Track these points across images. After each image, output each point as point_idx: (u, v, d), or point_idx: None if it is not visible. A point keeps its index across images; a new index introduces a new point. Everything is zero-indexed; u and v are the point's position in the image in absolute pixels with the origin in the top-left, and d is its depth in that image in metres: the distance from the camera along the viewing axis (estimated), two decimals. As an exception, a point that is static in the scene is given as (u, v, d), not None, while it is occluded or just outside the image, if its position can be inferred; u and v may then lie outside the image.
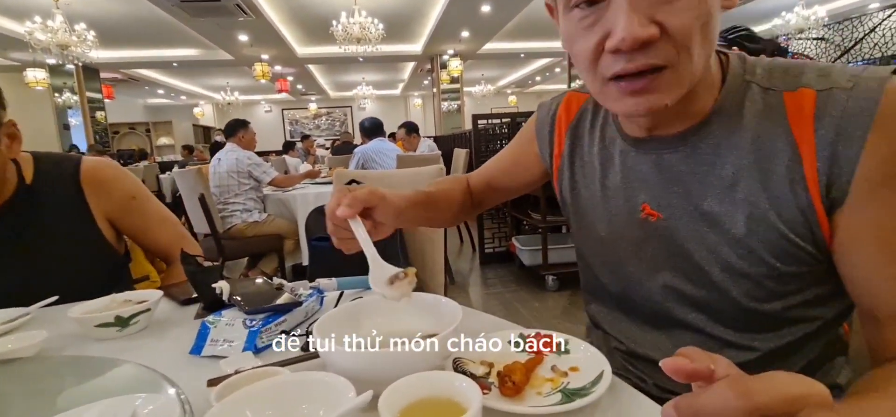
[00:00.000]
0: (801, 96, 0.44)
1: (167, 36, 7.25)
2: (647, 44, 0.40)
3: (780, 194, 0.44)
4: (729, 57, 0.49)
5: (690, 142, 0.49)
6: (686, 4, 0.39)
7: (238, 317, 0.60)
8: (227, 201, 2.93)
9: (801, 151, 0.43)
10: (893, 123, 0.39)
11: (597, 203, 0.60)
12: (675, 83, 0.42)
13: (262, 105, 15.09)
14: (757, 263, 0.47)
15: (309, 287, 0.74)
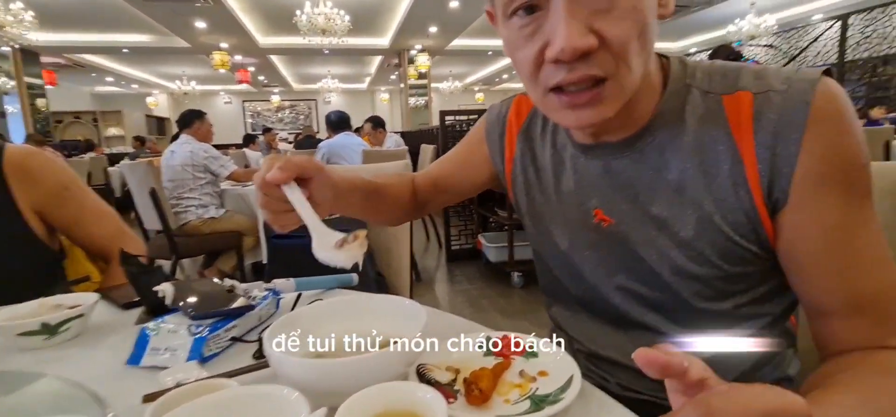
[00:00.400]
0: (739, 99, 0.45)
1: (117, 20, 6.82)
2: (587, 54, 0.40)
3: (725, 198, 0.45)
4: (670, 61, 0.50)
5: (636, 147, 0.50)
6: (623, 14, 0.39)
7: (183, 323, 0.55)
8: (180, 196, 2.77)
9: (741, 154, 0.44)
10: (825, 122, 0.41)
11: (552, 208, 0.59)
12: (616, 94, 0.43)
13: (222, 96, 14.50)
14: (705, 264, 0.47)
15: (264, 288, 0.70)
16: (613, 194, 0.52)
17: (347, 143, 3.22)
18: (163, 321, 0.56)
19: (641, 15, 0.40)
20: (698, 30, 9.06)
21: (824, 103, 0.41)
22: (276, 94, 14.50)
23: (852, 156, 0.41)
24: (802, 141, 0.41)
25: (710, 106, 0.46)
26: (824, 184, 0.41)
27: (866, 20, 7.14)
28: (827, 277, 0.44)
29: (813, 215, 0.42)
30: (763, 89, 0.44)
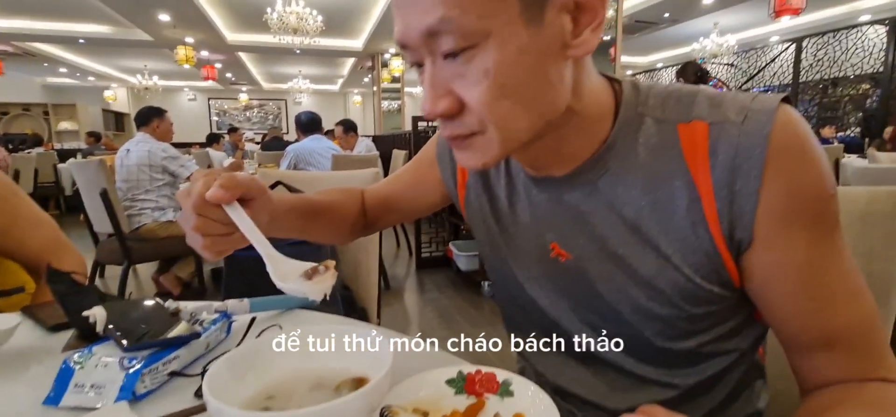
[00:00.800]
0: (694, 129, 0.41)
1: (73, 8, 6.44)
2: (448, 115, 0.39)
3: (683, 237, 0.42)
4: (622, 86, 0.47)
5: (586, 180, 0.46)
6: (476, 79, 0.37)
7: (114, 354, 0.49)
8: (135, 197, 2.61)
9: (699, 190, 0.41)
10: (786, 156, 0.38)
11: (509, 239, 0.56)
12: (488, 148, 0.40)
13: (186, 92, 13.95)
14: (666, 304, 0.45)
15: (214, 310, 0.63)
16: (569, 228, 0.49)
17: (316, 147, 3.11)
18: (89, 352, 0.49)
19: (500, 77, 0.37)
20: (665, 46, 9.39)
21: (784, 135, 0.38)
22: (245, 92, 14.07)
23: (818, 189, 0.39)
24: (763, 177, 0.38)
25: (665, 136, 0.43)
26: (791, 221, 0.39)
27: (818, 44, 7.59)
28: (801, 315, 0.43)
29: (781, 255, 0.40)
30: (719, 120, 0.40)
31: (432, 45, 0.37)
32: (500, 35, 0.36)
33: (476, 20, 0.35)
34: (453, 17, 0.35)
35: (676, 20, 7.12)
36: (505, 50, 0.36)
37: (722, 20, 7.35)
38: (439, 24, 0.35)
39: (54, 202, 6.29)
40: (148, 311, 0.57)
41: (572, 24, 0.38)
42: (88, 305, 0.56)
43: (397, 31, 0.39)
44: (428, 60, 0.39)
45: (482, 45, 0.36)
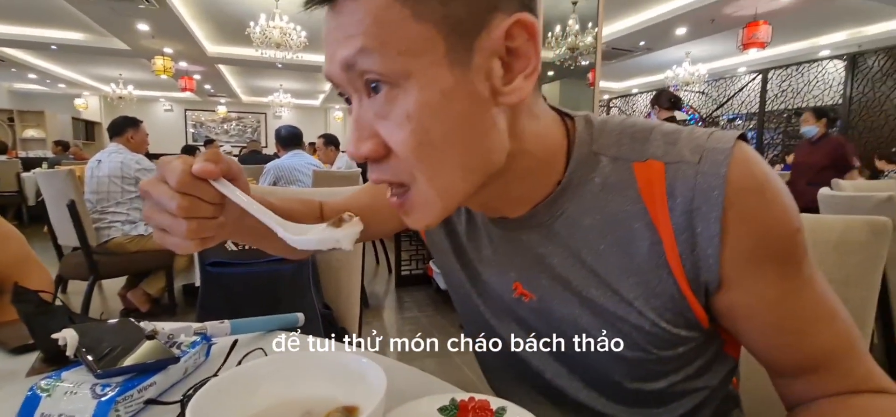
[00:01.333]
0: (650, 169, 0.40)
1: (46, 14, 6.26)
2: (375, 159, 0.37)
3: (646, 281, 0.41)
4: (575, 123, 0.45)
5: (542, 222, 0.45)
6: (397, 122, 0.34)
7: (85, 380, 0.46)
8: (105, 209, 2.52)
9: (659, 233, 0.40)
10: (745, 197, 0.37)
11: (472, 276, 0.53)
12: (424, 204, 0.38)
13: (162, 103, 13.64)
14: (632, 348, 0.44)
15: (193, 332, 0.60)
16: (531, 270, 0.47)
17: (297, 163, 3.07)
18: (58, 377, 0.46)
19: (423, 122, 0.34)
20: (640, 73, 9.72)
21: (741, 176, 0.37)
22: (223, 104, 13.85)
23: (782, 227, 0.38)
24: (723, 220, 0.37)
25: (621, 175, 0.41)
26: (758, 262, 0.39)
27: (783, 76, 8.01)
28: (780, 347, 0.43)
29: (752, 294, 0.40)
30: (675, 159, 0.39)
31: (354, 80, 0.35)
32: (422, 76, 0.33)
33: (396, 57, 0.33)
34: (373, 51, 0.33)
35: (651, 49, 7.38)
36: (427, 92, 0.34)
37: (693, 50, 7.66)
38: (357, 58, 0.33)
39: (15, 213, 6.01)
40: (122, 333, 0.54)
41: (503, 69, 0.36)
42: (57, 326, 0.53)
43: (325, 68, 0.37)
44: (354, 96, 0.36)
45: (403, 85, 0.34)
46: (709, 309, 0.43)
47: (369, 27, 0.32)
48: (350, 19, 0.33)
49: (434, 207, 0.38)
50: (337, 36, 0.35)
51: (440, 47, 0.33)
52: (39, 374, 0.55)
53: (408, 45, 0.33)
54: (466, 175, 0.37)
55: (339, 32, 0.34)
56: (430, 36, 0.33)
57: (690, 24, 6.15)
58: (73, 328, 0.52)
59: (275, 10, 5.58)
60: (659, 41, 6.99)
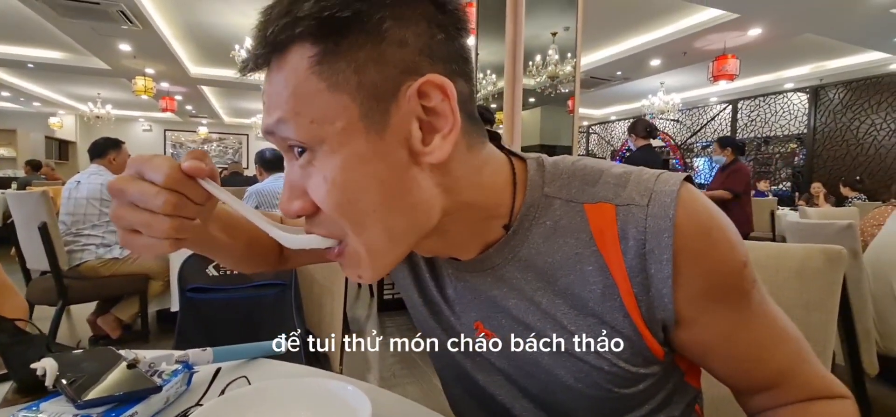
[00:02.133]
0: (602, 211, 0.41)
1: (24, 31, 6.15)
2: (309, 216, 0.39)
3: (602, 321, 0.42)
4: (526, 165, 0.45)
5: (494, 265, 0.45)
6: (318, 183, 0.36)
7: (65, 411, 0.45)
8: (80, 232, 2.45)
9: (613, 275, 0.41)
10: (694, 240, 0.39)
11: (435, 312, 0.53)
12: (358, 261, 0.39)
13: (141, 123, 13.42)
14: (593, 387, 0.45)
15: (174, 360, 0.60)
16: (490, 310, 0.47)
17: (279, 188, 3.03)
18: (36, 408, 0.46)
19: (343, 182, 0.35)
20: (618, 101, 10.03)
21: (688, 218, 0.38)
22: (204, 125, 13.70)
23: (730, 265, 0.40)
24: (674, 262, 0.39)
25: (573, 219, 0.42)
26: (710, 299, 0.41)
27: (751, 106, 8.37)
28: (738, 373, 0.46)
29: (708, 329, 0.42)
30: (625, 202, 0.40)
31: (280, 144, 0.37)
32: (335, 140, 0.35)
33: (309, 125, 0.34)
34: (288, 120, 0.35)
35: (628, 78, 7.66)
36: (341, 156, 0.35)
37: (668, 80, 7.98)
38: (276, 127, 0.36)
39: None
40: (103, 362, 0.54)
41: (423, 131, 0.36)
42: (35, 356, 0.52)
43: None
44: (287, 156, 0.38)
45: (318, 150, 0.35)
46: (667, 343, 0.44)
47: (288, 99, 0.35)
48: (274, 89, 0.36)
49: (366, 265, 0.39)
50: (267, 103, 0.37)
51: (354, 114, 0.34)
52: (12, 405, 0.54)
53: (321, 113, 0.34)
54: (394, 236, 0.38)
55: (268, 100, 0.37)
56: (344, 104, 0.34)
57: (664, 56, 6.42)
58: (51, 356, 0.51)
59: (260, 33, 5.61)
60: (635, 71, 7.26)
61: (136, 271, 2.59)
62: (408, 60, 0.35)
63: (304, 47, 0.34)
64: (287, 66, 0.35)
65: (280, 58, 0.35)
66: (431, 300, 0.53)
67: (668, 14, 5.36)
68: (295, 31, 0.34)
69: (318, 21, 0.33)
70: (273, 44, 0.35)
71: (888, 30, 5.12)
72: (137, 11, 5.07)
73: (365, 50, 0.34)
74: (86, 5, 4.87)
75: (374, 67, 0.34)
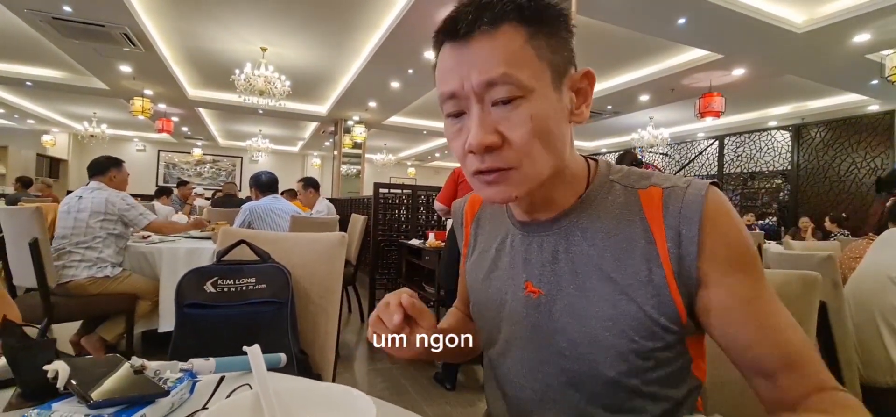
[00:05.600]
0: (651, 193, 0.55)
1: (24, 50, 6.21)
2: (492, 148, 0.51)
3: (638, 272, 0.53)
4: (598, 163, 0.62)
5: (562, 226, 0.59)
6: (519, 122, 0.50)
7: (76, 412, 0.47)
8: (75, 247, 2.43)
9: (653, 234, 0.53)
10: (717, 214, 0.51)
11: (489, 286, 0.66)
12: (520, 181, 0.52)
13: (135, 143, 13.41)
14: (618, 334, 0.53)
15: (179, 369, 0.62)
16: (543, 268, 0.59)
17: (275, 206, 3.06)
18: (48, 409, 0.47)
19: (538, 123, 0.50)
20: (608, 133, 10.26)
21: (715, 200, 0.52)
22: (199, 147, 13.71)
23: (744, 243, 0.51)
24: (701, 228, 0.50)
25: (629, 197, 0.56)
26: (730, 265, 0.50)
27: (737, 142, 8.59)
28: (758, 344, 0.50)
29: (728, 291, 0.50)
30: (670, 185, 0.54)
31: (485, 94, 0.50)
32: (541, 93, 0.50)
33: (528, 78, 0.49)
34: (512, 74, 0.49)
35: (618, 112, 7.86)
36: (543, 104, 0.50)
37: (656, 115, 8.20)
38: (501, 78, 0.49)
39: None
40: (110, 368, 0.56)
41: (576, 101, 0.54)
42: (43, 360, 0.54)
43: (450, 86, 0.52)
44: (476, 106, 0.51)
45: (528, 97, 0.50)
46: (691, 310, 0.52)
47: (509, 59, 0.49)
48: (489, 54, 0.49)
49: (525, 185, 0.52)
50: (472, 63, 0.50)
51: (548, 76, 0.51)
52: (16, 410, 0.55)
53: (534, 73, 0.50)
54: (549, 167, 0.53)
55: (477, 60, 0.49)
56: (544, 69, 0.51)
57: (652, 92, 6.63)
58: (62, 360, 0.53)
59: (261, 59, 5.72)
60: (625, 105, 7.46)
61: (125, 290, 2.57)
62: (569, 52, 0.53)
63: (515, 26, 0.50)
64: (502, 37, 0.49)
65: (492, 31, 0.49)
66: (489, 274, 0.66)
67: (657, 52, 5.57)
68: (509, 11, 0.49)
69: (532, 10, 0.50)
70: (490, 20, 0.49)
71: (865, 74, 5.35)
72: (141, 34, 5.16)
73: (555, 37, 0.52)
74: (91, 27, 4.96)
75: (559, 50, 0.52)
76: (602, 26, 4.55)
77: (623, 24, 4.47)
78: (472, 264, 0.71)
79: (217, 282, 1.14)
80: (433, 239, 3.08)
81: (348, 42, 5.58)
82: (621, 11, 4.17)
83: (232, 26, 5.19)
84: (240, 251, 1.23)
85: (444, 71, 0.52)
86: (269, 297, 1.15)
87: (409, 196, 3.62)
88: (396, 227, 3.64)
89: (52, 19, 4.83)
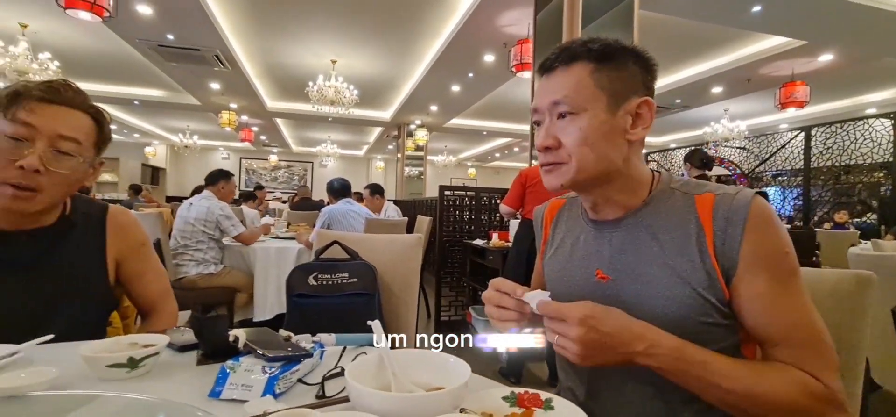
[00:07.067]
0: (705, 197, 0.67)
1: (135, 74, 7.15)
2: (550, 148, 0.70)
3: (692, 259, 0.65)
4: (661, 174, 0.75)
5: (629, 224, 0.72)
6: (571, 131, 0.68)
7: (256, 364, 0.66)
8: (186, 248, 2.85)
9: (704, 229, 0.65)
10: (758, 220, 0.63)
11: (565, 275, 0.79)
12: (563, 174, 0.70)
13: (220, 151, 14.78)
14: (676, 310, 0.64)
15: (311, 341, 0.81)
16: (612, 258, 0.72)
17: (349, 210, 3.35)
18: (238, 361, 0.67)
19: (585, 133, 0.67)
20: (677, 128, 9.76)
21: (757, 208, 0.63)
22: (275, 153, 14.83)
23: (777, 247, 0.63)
24: (745, 229, 0.62)
25: (687, 202, 0.69)
26: (757, 264, 0.62)
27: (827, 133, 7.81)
28: (766, 325, 0.64)
29: (749, 284, 0.63)
30: (721, 193, 0.67)
31: (553, 109, 0.69)
32: (592, 112, 0.67)
33: (581, 101, 0.67)
34: (570, 97, 0.68)
35: (687, 106, 7.49)
36: (593, 121, 0.67)
37: (732, 107, 7.69)
38: (562, 100, 0.68)
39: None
40: (269, 336, 0.75)
41: (632, 122, 0.69)
42: (221, 331, 0.74)
43: (535, 103, 0.72)
44: (548, 118, 0.71)
45: (580, 114, 0.67)
46: (730, 290, 0.64)
47: (571, 86, 0.68)
48: (559, 83, 0.69)
49: (570, 176, 0.69)
50: (550, 87, 0.70)
51: (603, 102, 0.67)
52: (203, 365, 0.76)
53: (588, 97, 0.67)
54: (595, 166, 0.68)
55: (553, 86, 0.70)
56: (599, 95, 0.67)
57: (726, 83, 6.26)
58: (238, 330, 0.73)
59: (332, 71, 6.16)
60: (695, 99, 7.10)
61: (226, 284, 2.95)
62: (634, 84, 0.69)
63: (585, 63, 0.68)
64: (572, 72, 0.68)
65: (566, 66, 0.69)
66: (564, 266, 0.80)
67: (730, 42, 5.29)
68: (581, 52, 0.68)
69: (599, 52, 0.68)
70: (567, 58, 0.69)
71: (985, 51, 4.72)
72: (228, 55, 5.77)
73: (616, 72, 0.68)
74: (189, 52, 5.63)
75: (619, 82, 0.68)
76: (667, 17, 4.42)
77: (690, 15, 4.32)
78: (550, 257, 0.84)
79: (317, 276, 1.35)
80: (497, 239, 3.20)
81: (411, 50, 5.85)
82: (687, 4, 4.04)
83: (306, 41, 5.64)
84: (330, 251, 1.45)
85: (535, 93, 0.74)
86: (360, 289, 1.35)
87: (472, 198, 3.77)
88: (460, 227, 3.80)
89: (158, 47, 5.55)
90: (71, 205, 0.95)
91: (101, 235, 0.97)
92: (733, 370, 0.61)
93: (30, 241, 0.87)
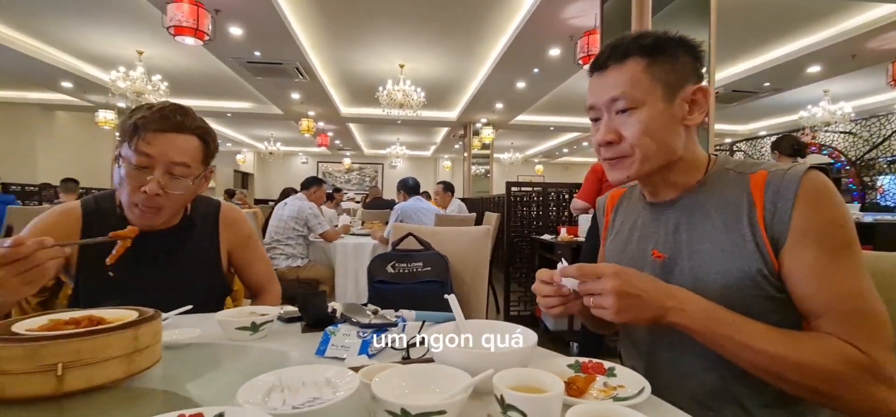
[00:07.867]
0: (759, 174, 0.69)
1: (227, 90, 7.97)
2: (611, 143, 0.73)
3: (744, 233, 0.67)
4: (718, 157, 0.78)
5: (683, 204, 0.75)
6: (631, 124, 0.71)
7: (351, 330, 0.78)
8: (278, 243, 3.18)
9: (755, 204, 0.67)
10: (810, 194, 0.63)
11: (624, 257, 0.83)
12: (630, 165, 0.73)
13: (300, 156, 15.90)
14: (729, 284, 0.67)
15: (394, 315, 0.92)
16: (667, 236, 0.76)
17: (420, 206, 3.53)
18: (336, 328, 0.79)
19: (646, 125, 0.70)
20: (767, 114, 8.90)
21: (809, 182, 0.64)
22: (348, 156, 15.67)
23: (829, 219, 0.63)
24: (794, 201, 0.63)
25: (740, 181, 0.71)
26: (806, 236, 0.63)
27: (961, 111, 6.70)
28: (810, 295, 0.64)
29: (798, 255, 0.64)
30: (775, 169, 0.68)
31: (611, 106, 0.72)
32: (650, 104, 0.70)
33: (639, 96, 0.70)
34: (628, 92, 0.70)
35: (779, 89, 6.82)
36: (652, 112, 0.70)
37: (833, 88, 6.86)
38: (620, 96, 0.71)
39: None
40: (358, 310, 0.87)
41: (688, 109, 0.72)
42: (321, 304, 0.88)
43: (591, 100, 0.75)
44: (606, 114, 0.73)
45: (639, 107, 0.70)
46: (778, 261, 0.65)
47: (627, 82, 0.70)
48: (614, 80, 0.71)
49: (635, 169, 0.72)
50: (605, 84, 0.72)
51: (659, 92, 0.70)
52: (307, 332, 0.89)
53: (645, 91, 0.70)
54: (658, 156, 0.71)
55: (609, 83, 0.72)
56: (655, 88, 0.70)
57: (826, 61, 5.63)
58: (335, 303, 0.86)
59: (400, 75, 6.42)
60: (788, 81, 6.45)
61: (311, 276, 3.25)
62: (686, 73, 0.72)
63: (636, 59, 0.71)
64: (626, 68, 0.71)
65: (620, 63, 0.71)
66: (623, 247, 0.84)
67: (828, 15, 4.75)
68: (632, 48, 0.71)
69: (650, 47, 0.71)
70: (620, 55, 0.71)
71: None
72: (307, 67, 6.24)
73: (669, 64, 0.71)
74: (272, 66, 6.18)
75: (672, 73, 0.71)
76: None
77: (779, -10, 3.95)
78: (611, 241, 0.89)
79: (395, 264, 1.48)
80: (565, 233, 3.18)
81: (475, 50, 5.94)
82: (776, -23, 3.70)
83: (375, 47, 5.95)
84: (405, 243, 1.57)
85: (589, 91, 0.76)
86: (434, 277, 1.46)
87: (539, 193, 3.78)
88: (527, 223, 3.82)
89: (246, 63, 6.15)
90: (191, 206, 1.13)
91: (214, 230, 1.15)
92: (765, 333, 0.62)
93: (162, 238, 1.06)
